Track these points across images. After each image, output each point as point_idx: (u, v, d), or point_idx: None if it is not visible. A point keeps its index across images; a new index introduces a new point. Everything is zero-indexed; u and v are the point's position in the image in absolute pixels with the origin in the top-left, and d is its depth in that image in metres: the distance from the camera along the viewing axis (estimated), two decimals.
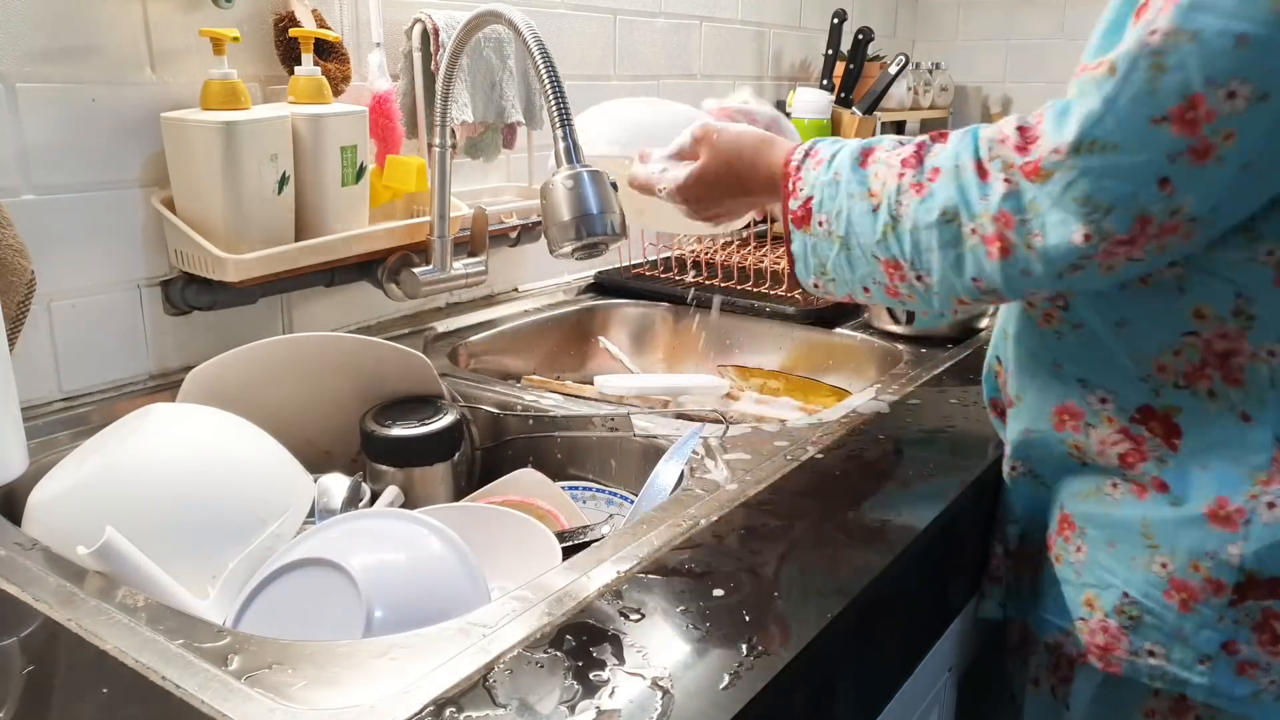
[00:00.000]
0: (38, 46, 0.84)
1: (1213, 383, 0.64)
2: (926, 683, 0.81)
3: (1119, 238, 0.57)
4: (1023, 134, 0.60)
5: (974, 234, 0.61)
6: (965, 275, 0.63)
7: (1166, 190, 0.54)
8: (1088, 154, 0.56)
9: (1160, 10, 0.53)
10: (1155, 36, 0.53)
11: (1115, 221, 0.56)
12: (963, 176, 0.62)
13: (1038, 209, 0.58)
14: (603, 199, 0.80)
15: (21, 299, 0.80)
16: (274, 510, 0.68)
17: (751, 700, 0.49)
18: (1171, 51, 0.52)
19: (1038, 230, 0.59)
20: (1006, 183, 0.60)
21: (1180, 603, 0.66)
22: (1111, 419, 0.69)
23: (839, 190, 0.68)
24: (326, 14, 1.04)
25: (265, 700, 0.48)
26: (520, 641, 0.53)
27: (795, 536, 0.66)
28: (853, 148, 0.70)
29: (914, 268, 0.65)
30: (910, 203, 0.64)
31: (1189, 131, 0.53)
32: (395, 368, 0.91)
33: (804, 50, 2.00)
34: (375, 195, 1.08)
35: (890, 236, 0.65)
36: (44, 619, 0.55)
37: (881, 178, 0.66)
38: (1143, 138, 0.54)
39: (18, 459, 0.74)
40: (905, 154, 0.66)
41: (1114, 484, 0.70)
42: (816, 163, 0.71)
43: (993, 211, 0.60)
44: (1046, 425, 0.73)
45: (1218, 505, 0.64)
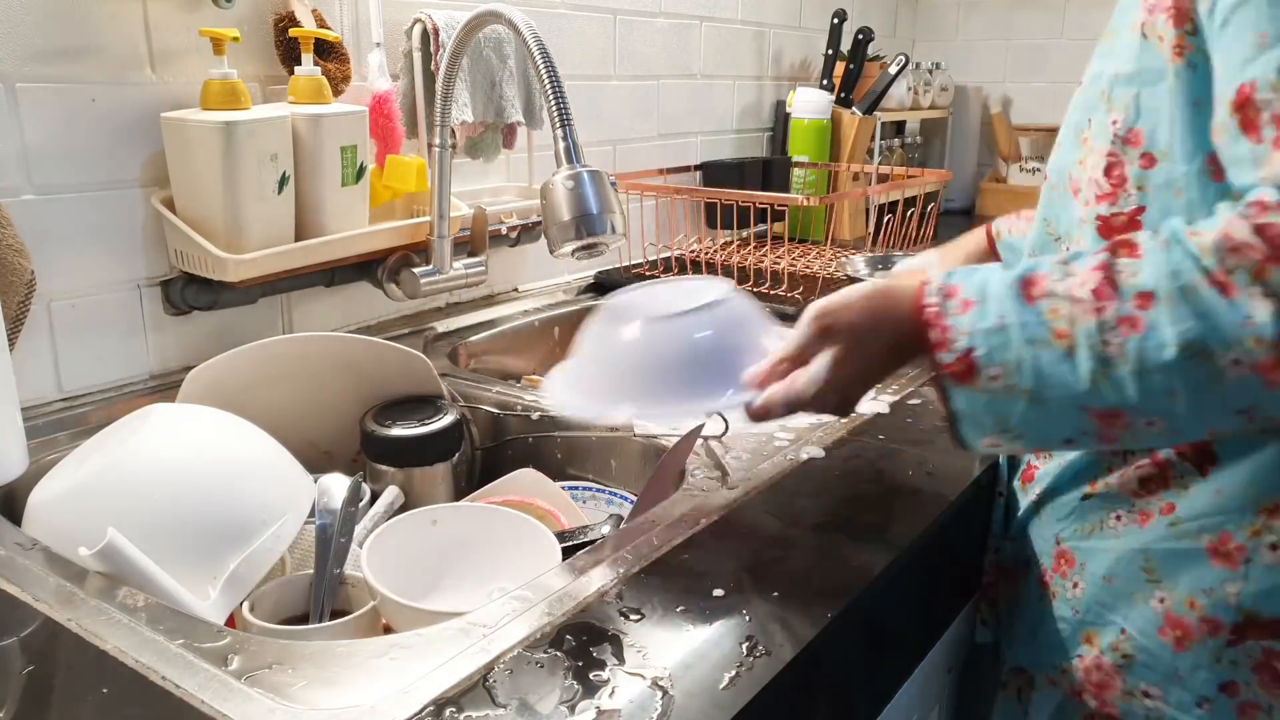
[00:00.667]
0: (38, 46, 0.84)
1: None
2: (927, 682, 0.81)
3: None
4: (1264, 235, 0.50)
5: (1238, 365, 0.51)
6: (1229, 411, 0.53)
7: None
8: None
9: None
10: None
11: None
12: (1198, 299, 0.51)
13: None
14: (603, 199, 0.80)
15: (21, 299, 0.80)
16: (275, 511, 0.68)
17: (751, 700, 0.49)
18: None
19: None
20: (1270, 298, 0.49)
21: (1175, 640, 0.65)
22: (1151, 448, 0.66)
23: (1010, 337, 0.56)
24: (326, 14, 1.04)
25: (265, 700, 0.48)
26: (520, 641, 0.53)
27: (795, 536, 0.66)
28: (1007, 281, 0.57)
29: (1143, 415, 0.54)
30: (1124, 342, 0.53)
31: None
32: (395, 368, 0.91)
33: (804, 50, 2.00)
34: (375, 195, 1.08)
35: (1104, 385, 0.54)
36: (44, 619, 0.55)
37: (1065, 314, 0.55)
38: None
39: (18, 459, 0.74)
40: (1091, 281, 0.54)
41: (1118, 516, 0.68)
42: (963, 304, 0.58)
43: (1267, 336, 0.49)
44: None
45: (1219, 540, 0.63)
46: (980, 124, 2.41)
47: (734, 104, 1.82)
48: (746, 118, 1.87)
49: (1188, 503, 0.64)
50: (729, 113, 1.81)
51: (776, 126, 1.93)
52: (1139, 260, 0.54)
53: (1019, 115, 2.35)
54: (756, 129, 1.91)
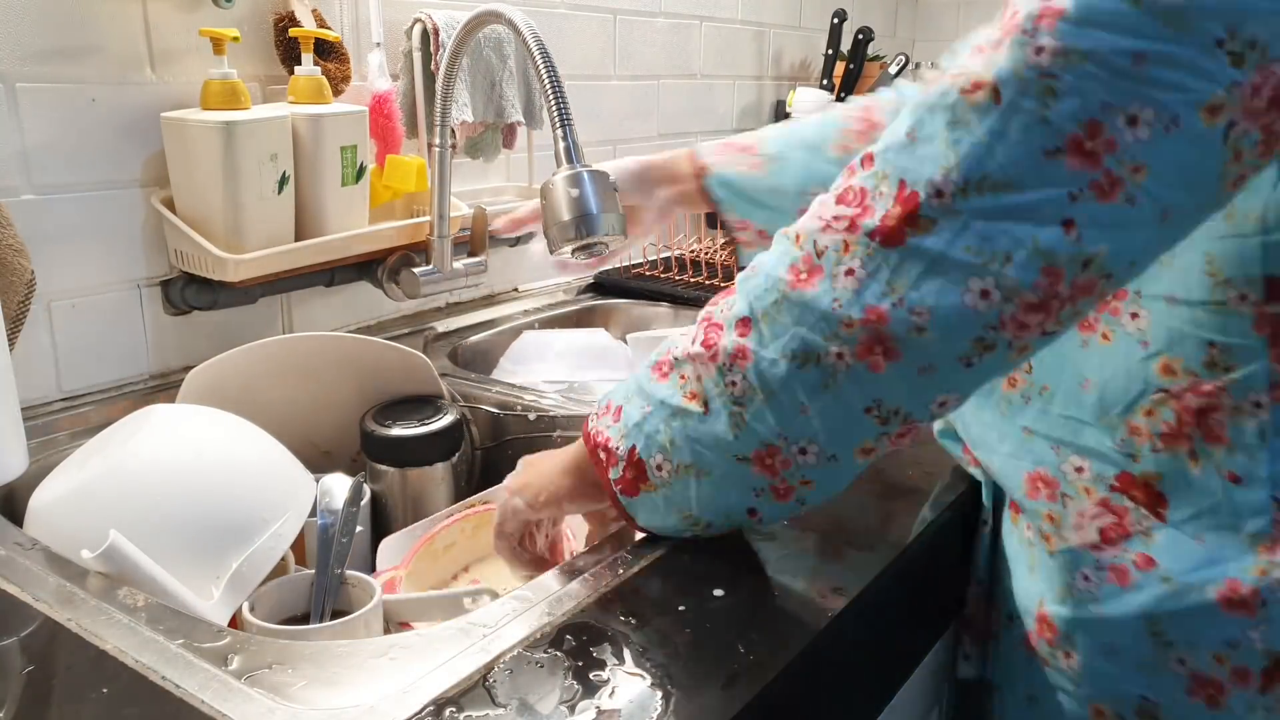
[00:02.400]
0: (38, 46, 0.84)
1: (1193, 443, 0.58)
2: (927, 682, 0.81)
3: (1026, 298, 0.47)
4: (847, 200, 0.49)
5: (842, 357, 0.49)
6: (856, 413, 0.51)
7: (1071, 233, 0.45)
8: (976, 195, 0.46)
9: (1043, 21, 0.45)
10: (1042, 56, 0.45)
11: (1017, 273, 0.46)
12: (790, 304, 0.50)
13: (908, 279, 0.47)
14: (603, 199, 0.80)
15: (21, 299, 0.80)
16: (276, 510, 0.68)
17: (751, 700, 0.49)
18: (1061, 75, 0.44)
19: (920, 307, 0.47)
20: (850, 274, 0.48)
21: (1207, 699, 0.60)
22: (1090, 489, 0.62)
23: (657, 421, 0.56)
24: (326, 14, 1.04)
25: (265, 700, 0.48)
26: (520, 641, 0.53)
27: (795, 537, 0.66)
28: (640, 375, 0.59)
29: (792, 441, 0.53)
30: (743, 375, 0.52)
31: (1090, 164, 0.45)
32: (396, 368, 0.91)
33: (804, 50, 2.00)
34: (375, 195, 1.08)
35: (743, 428, 0.53)
36: (44, 619, 0.55)
37: (691, 374, 0.55)
38: (1039, 172, 0.45)
39: (18, 459, 0.74)
40: (699, 334, 0.55)
41: (1085, 576, 0.63)
42: (614, 414, 0.59)
43: (855, 315, 0.48)
44: (1020, 494, 0.67)
45: (1229, 590, 0.58)
46: None
47: (734, 104, 1.82)
48: (746, 118, 1.87)
49: (1170, 556, 0.59)
50: (729, 113, 1.81)
51: None
52: (734, 295, 0.54)
53: None
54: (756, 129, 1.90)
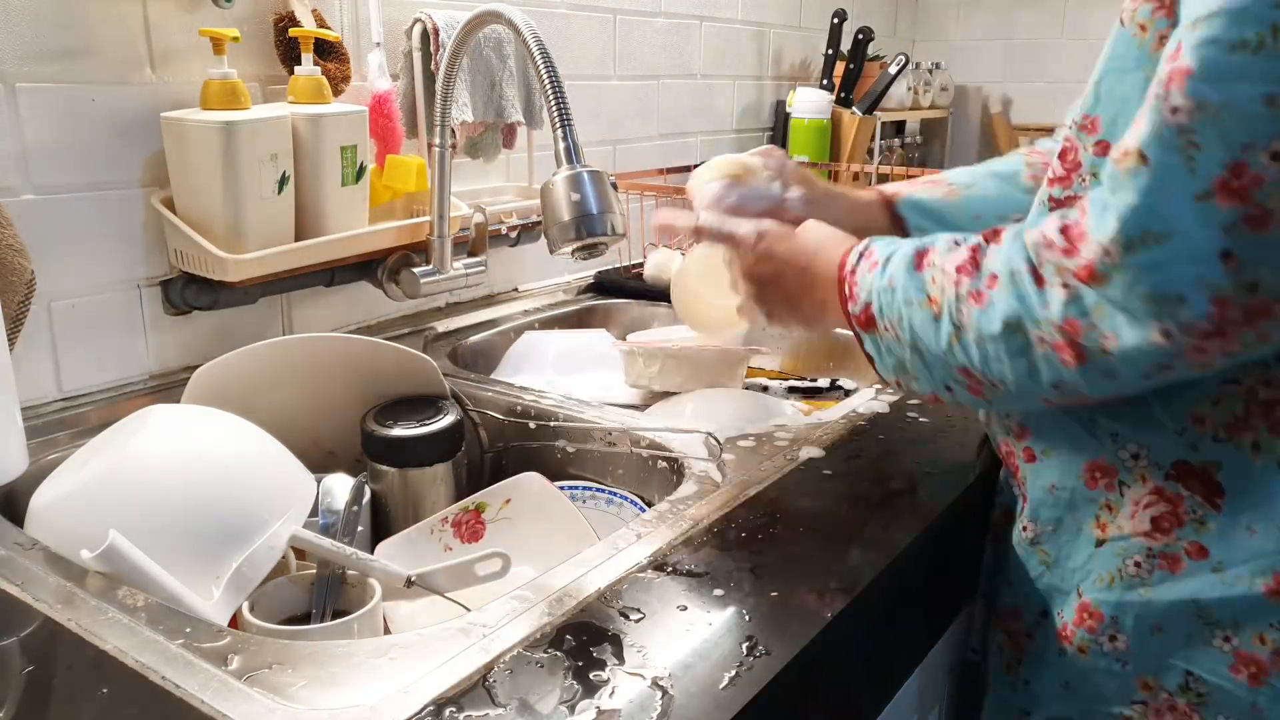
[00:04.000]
0: (38, 46, 0.84)
1: (1257, 434, 0.60)
2: (927, 682, 0.81)
3: (1201, 328, 0.52)
4: (1066, 235, 0.57)
5: (1042, 343, 0.58)
6: (1043, 382, 0.59)
7: (1231, 265, 0.51)
8: (1141, 250, 0.52)
9: (1172, 84, 0.51)
10: (1179, 115, 0.50)
11: (1190, 311, 0.52)
12: (1020, 284, 0.59)
13: (1104, 312, 0.55)
14: (603, 199, 0.80)
15: (21, 299, 0.80)
16: (276, 510, 0.68)
17: (751, 700, 0.49)
18: (1200, 128, 0.50)
19: (1110, 333, 0.55)
20: (1065, 288, 0.56)
21: (1250, 677, 0.62)
22: (1145, 476, 0.64)
23: (895, 297, 0.65)
24: (326, 14, 1.04)
25: (265, 700, 0.48)
26: (520, 641, 0.53)
27: (795, 536, 0.66)
28: (906, 251, 0.67)
29: (985, 376, 0.62)
30: (971, 312, 0.61)
31: (1239, 201, 0.50)
32: (399, 369, 0.91)
33: (804, 50, 2.00)
34: (375, 195, 1.08)
35: (956, 346, 0.62)
36: (44, 619, 0.55)
37: (939, 284, 0.63)
38: (1192, 217, 0.51)
39: (18, 459, 0.74)
40: (960, 259, 0.63)
41: (1136, 563, 0.66)
42: (871, 265, 0.68)
43: (1057, 320, 0.56)
44: (1075, 482, 0.68)
45: (1276, 582, 0.60)
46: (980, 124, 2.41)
47: (734, 104, 1.82)
48: (746, 117, 1.87)
49: (1222, 547, 0.62)
50: (729, 112, 1.81)
51: (776, 126, 1.93)
52: (998, 245, 0.62)
53: (1019, 115, 2.36)
54: (756, 129, 1.91)
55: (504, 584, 0.69)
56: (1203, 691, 0.65)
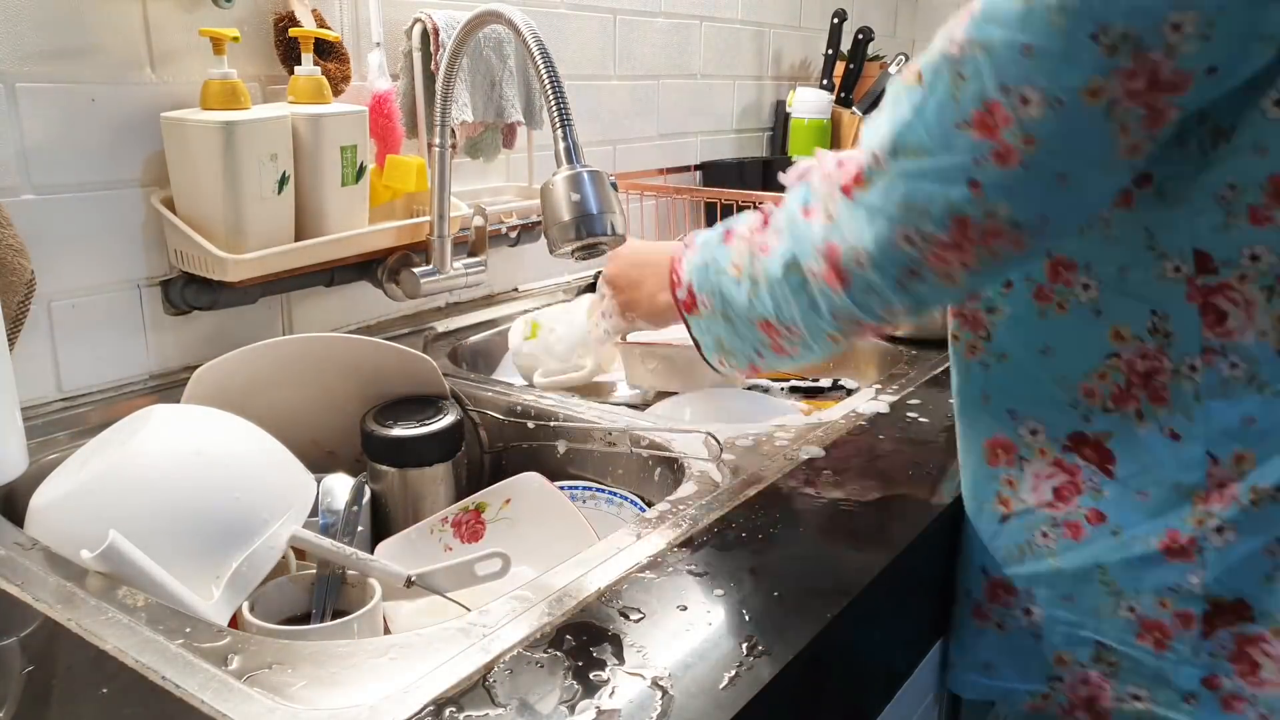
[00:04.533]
0: (38, 46, 0.84)
1: (1139, 403, 0.63)
2: (929, 681, 0.81)
3: (940, 239, 0.57)
4: (841, 164, 0.62)
5: (813, 275, 0.63)
6: (823, 314, 0.64)
7: (976, 192, 0.55)
8: (903, 158, 0.57)
9: (959, 22, 0.55)
10: (954, 47, 0.55)
11: (932, 223, 0.57)
12: (795, 225, 0.64)
13: (857, 225, 0.60)
14: (603, 199, 0.80)
15: (21, 299, 0.80)
16: (276, 510, 0.68)
17: (751, 700, 0.49)
18: (968, 61, 0.54)
19: (861, 246, 0.60)
20: (827, 217, 0.62)
21: (1155, 643, 0.65)
22: (1044, 450, 0.68)
23: (709, 271, 0.72)
24: (326, 14, 1.04)
25: (265, 700, 0.48)
26: (520, 641, 0.53)
27: (795, 536, 0.66)
28: (718, 231, 0.74)
29: (780, 322, 0.67)
30: (760, 264, 0.67)
31: (989, 135, 0.54)
32: (399, 369, 0.91)
33: (804, 50, 2.00)
34: (375, 195, 1.08)
35: (754, 300, 0.68)
36: (44, 619, 0.55)
37: (739, 250, 0.69)
38: (949, 142, 0.55)
39: (18, 459, 0.74)
40: (755, 221, 0.70)
41: (1043, 534, 0.68)
42: (691, 252, 0.75)
43: (820, 246, 0.62)
44: (978, 460, 0.72)
45: (1169, 539, 0.63)
46: None
47: (734, 104, 1.82)
48: (746, 117, 1.87)
49: (1118, 511, 0.65)
50: (729, 112, 1.81)
51: (777, 126, 1.93)
52: (783, 203, 0.67)
53: None
54: (756, 129, 1.91)
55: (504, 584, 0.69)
56: (1113, 660, 0.67)
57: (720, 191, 1.44)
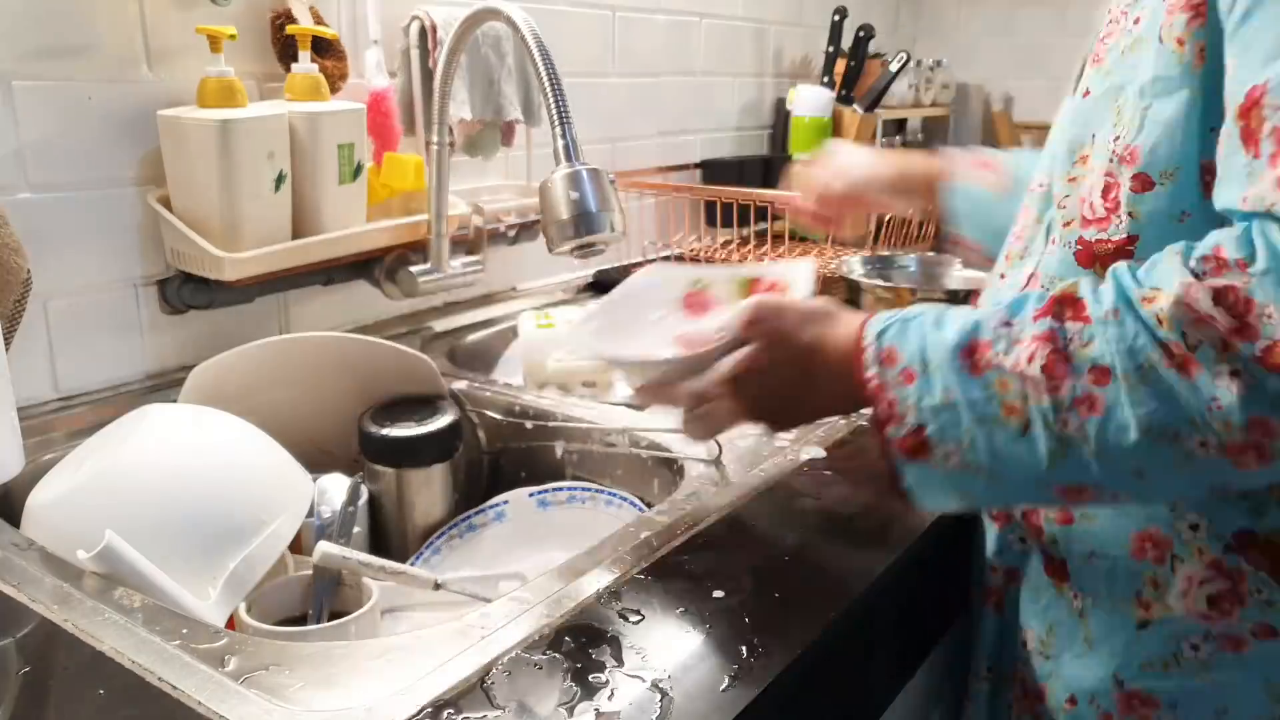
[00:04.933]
0: (34, 44, 0.84)
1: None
2: (929, 683, 0.81)
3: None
4: (1225, 304, 0.46)
5: (1206, 448, 0.47)
6: (1199, 486, 0.52)
7: None
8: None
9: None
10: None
11: None
12: (1157, 379, 0.47)
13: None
14: (602, 197, 0.80)
15: (17, 298, 0.80)
16: (273, 510, 0.68)
17: (751, 702, 0.49)
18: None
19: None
20: (1236, 377, 0.45)
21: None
22: (1202, 550, 0.58)
23: (959, 415, 0.53)
24: (324, 11, 1.04)
25: (262, 701, 0.48)
26: (519, 643, 0.53)
27: (795, 537, 0.66)
28: (947, 348, 0.54)
29: (1109, 489, 0.52)
30: (1083, 423, 0.49)
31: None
32: (397, 368, 0.91)
33: (805, 47, 2.00)
34: (373, 193, 1.07)
35: (1063, 464, 0.51)
36: (40, 619, 0.55)
37: (1014, 389, 0.51)
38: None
39: (14, 459, 0.74)
40: (1040, 355, 0.51)
41: (1194, 646, 0.59)
42: (905, 375, 0.55)
43: (1237, 421, 0.46)
44: (1121, 551, 0.61)
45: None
46: (982, 121, 2.41)
47: (734, 101, 1.82)
48: (747, 115, 1.86)
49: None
50: (729, 110, 1.81)
51: (777, 124, 1.93)
52: (1089, 327, 0.50)
53: (1021, 113, 2.35)
54: (757, 127, 1.90)
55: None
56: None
57: (720, 190, 1.44)
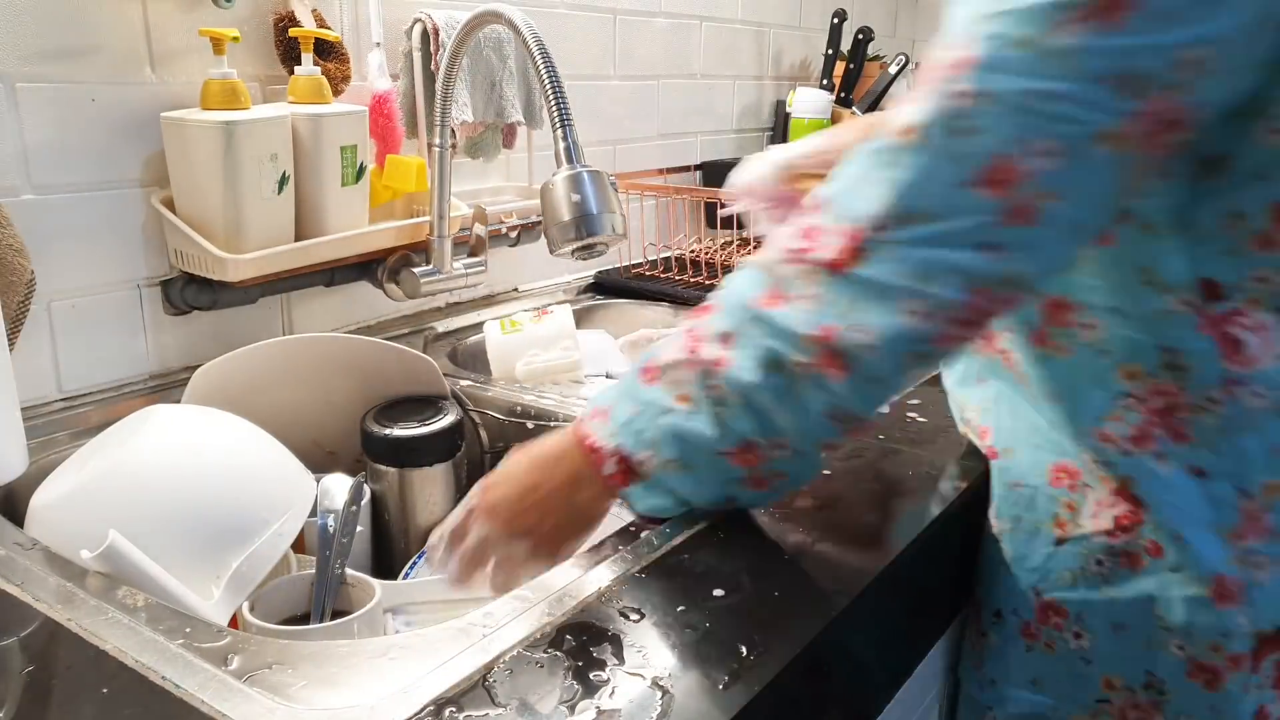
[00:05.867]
0: (38, 46, 0.84)
1: (1157, 444, 0.61)
2: (929, 681, 0.81)
3: (956, 311, 0.52)
4: (808, 235, 0.55)
5: (801, 367, 0.54)
6: (815, 415, 0.56)
7: (993, 254, 0.51)
8: (911, 225, 0.52)
9: (958, 69, 0.51)
10: (955, 100, 0.51)
11: (949, 292, 0.51)
12: (762, 321, 0.55)
13: (856, 304, 0.53)
14: (603, 199, 0.80)
15: (21, 299, 0.80)
16: (276, 510, 0.68)
17: (751, 700, 0.49)
18: (974, 115, 0.50)
19: (865, 325, 0.53)
20: (809, 298, 0.54)
21: (1205, 683, 0.64)
22: (1106, 479, 0.65)
23: (645, 421, 0.60)
24: (326, 14, 1.04)
25: (265, 700, 0.48)
26: (520, 641, 0.53)
27: (795, 536, 0.66)
28: (628, 380, 0.62)
29: (765, 439, 0.57)
30: (721, 379, 0.57)
31: (1003, 193, 0.50)
32: (399, 369, 0.91)
33: (804, 50, 2.00)
34: (375, 195, 1.08)
35: (725, 424, 0.57)
36: (44, 619, 0.55)
37: (676, 379, 0.59)
38: (959, 203, 0.51)
39: (18, 459, 0.74)
40: (685, 343, 0.59)
41: (1099, 560, 0.66)
42: (602, 415, 0.62)
43: (806, 332, 0.54)
44: (1041, 480, 0.70)
45: (1218, 586, 0.61)
46: None
47: (734, 104, 1.82)
48: (746, 117, 1.87)
49: (1178, 550, 0.63)
50: (729, 112, 1.81)
51: (777, 126, 1.93)
52: (712, 313, 0.58)
53: None
54: (756, 129, 1.91)
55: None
56: (1163, 691, 0.66)
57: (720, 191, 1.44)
